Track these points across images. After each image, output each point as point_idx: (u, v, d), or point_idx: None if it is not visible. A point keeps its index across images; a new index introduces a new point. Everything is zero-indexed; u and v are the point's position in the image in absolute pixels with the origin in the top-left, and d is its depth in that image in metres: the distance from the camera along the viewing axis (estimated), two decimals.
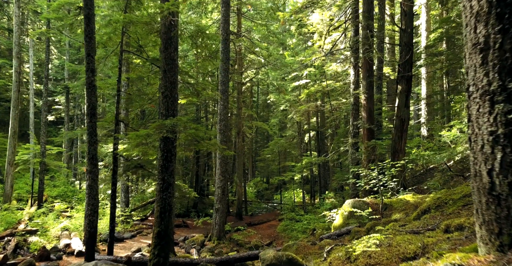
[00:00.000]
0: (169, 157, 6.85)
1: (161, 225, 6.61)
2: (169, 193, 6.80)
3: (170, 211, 6.78)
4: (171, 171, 6.86)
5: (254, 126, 28.32)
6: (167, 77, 6.98)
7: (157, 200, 6.76)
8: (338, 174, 18.04)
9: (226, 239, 14.24)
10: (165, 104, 6.92)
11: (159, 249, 6.47)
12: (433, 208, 5.45)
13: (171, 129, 6.53)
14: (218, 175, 14.37)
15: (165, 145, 6.80)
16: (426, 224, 4.54)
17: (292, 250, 7.29)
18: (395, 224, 5.26)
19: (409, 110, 12.32)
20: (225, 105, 14.46)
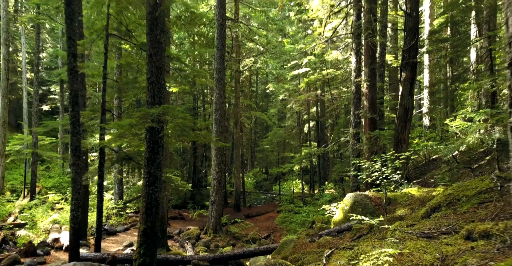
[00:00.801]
0: (156, 148, 6.31)
1: (147, 222, 6.11)
2: (156, 187, 6.28)
3: (157, 207, 6.28)
4: (158, 164, 6.33)
5: (253, 117, 27.76)
6: (152, 62, 6.40)
7: (143, 195, 6.25)
8: (338, 165, 17.56)
9: (222, 232, 13.82)
10: (151, 91, 6.35)
11: (145, 248, 5.99)
12: (444, 205, 4.94)
13: (156, 119, 5.98)
14: (214, 166, 13.87)
15: (151, 136, 6.26)
16: (438, 225, 4.03)
17: (288, 248, 6.82)
18: (402, 223, 4.76)
19: (413, 99, 11.75)
20: (220, 94, 13.87)
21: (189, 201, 24.07)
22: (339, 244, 6.30)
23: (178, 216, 17.86)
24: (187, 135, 6.52)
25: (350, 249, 4.13)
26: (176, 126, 6.08)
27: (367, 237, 6.04)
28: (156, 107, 5.95)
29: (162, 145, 6.44)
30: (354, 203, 7.93)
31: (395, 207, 7.44)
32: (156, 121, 6.01)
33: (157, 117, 5.94)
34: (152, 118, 5.99)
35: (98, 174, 8.37)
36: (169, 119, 5.92)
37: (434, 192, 7.33)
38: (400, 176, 8.81)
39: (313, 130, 28.70)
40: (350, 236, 6.67)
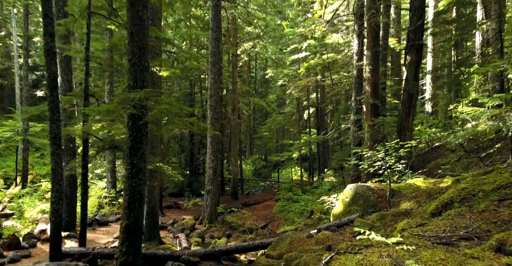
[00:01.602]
0: (139, 137, 5.74)
1: (130, 217, 5.59)
2: (139, 179, 5.74)
3: (141, 201, 5.75)
4: (141, 154, 5.78)
5: (252, 103, 27.09)
6: (134, 41, 5.76)
7: (125, 187, 5.71)
8: (338, 153, 17.04)
9: (218, 222, 13.40)
10: (133, 74, 5.74)
11: (127, 245, 5.49)
12: (457, 201, 4.40)
13: (138, 105, 5.39)
14: (209, 154, 13.34)
15: (133, 123, 5.68)
16: (454, 226, 3.49)
17: (284, 244, 6.33)
18: (410, 221, 4.23)
19: (418, 84, 11.12)
20: (215, 79, 13.22)
21: (186, 188, 23.66)
22: (339, 241, 5.80)
23: (174, 205, 17.45)
24: (173, 122, 5.94)
25: (352, 254, 3.61)
26: (161, 113, 5.50)
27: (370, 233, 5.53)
28: (137, 91, 5.35)
29: (146, 133, 5.87)
30: (355, 195, 7.43)
31: (399, 199, 6.92)
32: (137, 107, 5.42)
33: (139, 102, 5.35)
34: (134, 104, 5.40)
35: (82, 164, 7.83)
36: (152, 105, 5.33)
37: (442, 184, 6.81)
38: (404, 166, 8.28)
39: (312, 117, 28.09)
40: (351, 232, 6.17)
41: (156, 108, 5.24)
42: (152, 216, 10.21)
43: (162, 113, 5.61)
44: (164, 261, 7.12)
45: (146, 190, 10.29)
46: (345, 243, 4.63)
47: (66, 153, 10.96)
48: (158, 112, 5.63)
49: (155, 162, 8.69)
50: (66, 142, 10.83)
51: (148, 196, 10.24)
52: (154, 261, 7.24)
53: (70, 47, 9.13)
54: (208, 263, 7.08)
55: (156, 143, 10.33)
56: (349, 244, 4.53)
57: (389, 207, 6.55)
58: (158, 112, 5.63)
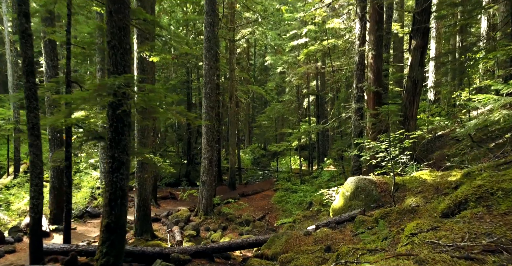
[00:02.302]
0: (120, 127, 5.22)
1: (111, 215, 5.12)
2: (121, 174, 5.24)
3: (123, 198, 5.27)
4: (123, 146, 5.26)
5: (251, 91, 26.47)
6: (113, 21, 5.18)
7: (106, 183, 5.23)
8: (338, 142, 16.54)
9: (214, 214, 12.99)
10: (112, 58, 5.18)
11: (108, 246, 5.03)
12: (473, 200, 3.91)
13: (117, 92, 4.85)
14: (205, 144, 12.84)
15: (114, 113, 5.15)
16: (473, 232, 3.01)
17: (280, 242, 5.88)
18: (420, 224, 3.74)
19: (423, 70, 10.56)
20: (210, 66, 12.62)
21: (183, 178, 23.28)
22: (339, 240, 5.35)
23: (169, 195, 17.03)
24: (157, 111, 5.41)
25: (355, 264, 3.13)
26: (142, 101, 4.97)
27: (373, 232, 5.08)
28: (115, 77, 4.80)
29: (128, 123, 5.35)
30: (357, 188, 6.95)
31: (404, 194, 6.45)
32: (116, 95, 4.88)
33: (118, 89, 4.81)
34: (112, 91, 4.86)
35: (65, 155, 7.33)
36: (133, 93, 4.79)
37: (450, 177, 6.32)
38: (409, 157, 7.79)
39: (312, 105, 27.49)
40: (352, 229, 5.72)
41: (138, 96, 4.70)
42: (143, 209, 9.78)
43: (144, 102, 5.07)
44: (153, 259, 6.70)
45: (137, 182, 9.85)
46: (346, 247, 4.16)
47: (53, 143, 10.48)
48: (139, 100, 5.09)
49: (145, 153, 8.19)
50: (53, 132, 10.33)
51: (139, 188, 9.80)
52: (142, 259, 6.83)
53: (52, 30, 8.52)
54: (199, 261, 6.66)
55: (146, 133, 9.82)
56: (350, 248, 4.06)
57: (393, 203, 6.08)
58: (139, 100, 5.09)
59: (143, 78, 9.72)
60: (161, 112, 5.38)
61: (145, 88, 5.01)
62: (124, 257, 6.85)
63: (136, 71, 9.69)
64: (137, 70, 9.68)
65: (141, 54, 9.31)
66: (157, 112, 5.38)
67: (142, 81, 9.68)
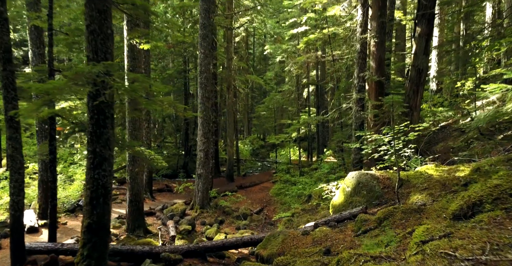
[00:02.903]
0: (102, 120, 4.79)
1: (93, 215, 4.72)
2: (103, 170, 4.83)
3: (106, 196, 4.87)
4: (105, 140, 4.84)
5: (250, 81, 25.93)
6: (92, 3, 4.69)
7: (86, 180, 4.82)
8: (339, 134, 16.12)
9: (210, 207, 12.65)
10: (92, 43, 4.71)
11: (90, 248, 4.65)
12: (489, 201, 3.51)
13: (96, 81, 4.40)
14: (200, 136, 12.42)
15: (94, 103, 4.71)
16: (495, 242, 2.61)
17: (276, 242, 5.50)
18: (430, 229, 3.34)
19: (428, 59, 10.08)
20: (206, 54, 12.11)
21: (180, 170, 22.93)
22: (339, 241, 4.97)
23: (165, 188, 16.69)
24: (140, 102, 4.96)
25: None
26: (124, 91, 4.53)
27: (376, 233, 4.70)
28: (94, 64, 4.34)
29: (111, 115, 4.91)
30: (358, 184, 6.56)
31: (408, 190, 6.05)
32: (95, 84, 4.44)
33: (97, 78, 4.36)
34: (91, 81, 4.42)
35: (49, 149, 6.92)
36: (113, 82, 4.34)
37: (458, 172, 5.92)
38: (413, 151, 7.38)
39: (312, 95, 26.99)
40: (353, 229, 5.34)
41: (115, 85, 4.25)
42: (135, 203, 9.41)
43: (126, 92, 4.63)
44: (143, 258, 6.35)
45: (129, 176, 9.46)
46: (347, 252, 3.77)
47: (41, 135, 10.06)
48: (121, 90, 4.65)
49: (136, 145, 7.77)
50: (41, 124, 9.90)
51: (131, 182, 9.42)
52: (131, 258, 6.48)
53: (36, 15, 8.01)
54: (191, 261, 6.30)
55: (138, 124, 9.39)
56: (352, 253, 3.68)
57: (397, 200, 5.69)
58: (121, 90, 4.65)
59: (133, 67, 9.26)
60: (144, 103, 4.95)
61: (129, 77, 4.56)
62: (112, 256, 6.51)
63: (127, 60, 9.21)
64: (127, 59, 9.20)
65: (131, 41, 8.82)
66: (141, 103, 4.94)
67: (132, 70, 9.23)
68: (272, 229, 11.67)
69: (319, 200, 11.55)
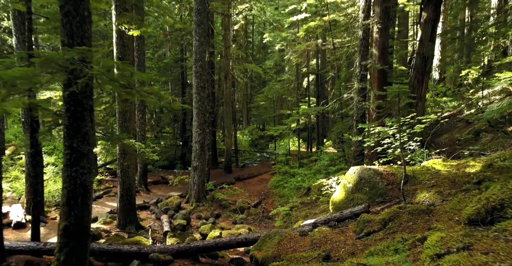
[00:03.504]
0: (80, 112, 4.34)
1: (70, 217, 4.31)
2: (81, 167, 4.40)
3: (86, 195, 4.45)
4: (84, 134, 4.40)
5: (249, 70, 25.34)
6: None
7: (63, 178, 4.40)
8: (339, 125, 15.66)
9: (206, 201, 12.29)
10: (67, 27, 4.23)
11: (67, 253, 4.26)
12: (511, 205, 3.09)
13: (69, 69, 3.93)
14: (196, 127, 11.97)
15: (71, 94, 4.25)
16: None
17: (272, 244, 5.10)
18: (444, 238, 2.92)
19: (434, 46, 9.57)
20: (201, 42, 11.57)
21: (177, 161, 22.54)
22: (340, 244, 4.57)
23: (161, 180, 16.31)
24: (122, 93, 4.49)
25: None
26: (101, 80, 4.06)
27: (380, 236, 4.29)
28: (65, 49, 3.87)
29: (90, 107, 4.46)
30: (360, 180, 6.14)
31: (414, 187, 5.64)
32: (70, 72, 3.97)
33: (70, 65, 3.89)
34: (65, 68, 3.95)
35: (30, 142, 6.48)
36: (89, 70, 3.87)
37: (468, 168, 5.50)
38: (419, 144, 6.95)
39: (312, 85, 26.43)
40: (355, 230, 4.94)
41: (89, 73, 3.79)
42: (127, 198, 9.02)
43: (103, 81, 4.17)
44: (131, 258, 5.97)
45: (119, 170, 9.04)
46: (349, 261, 3.37)
47: (27, 126, 9.58)
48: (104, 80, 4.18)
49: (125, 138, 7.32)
50: (27, 114, 9.43)
51: (122, 176, 9.01)
52: (119, 258, 6.11)
53: None
54: (182, 262, 5.93)
55: (129, 116, 8.93)
56: (354, 264, 3.27)
57: (403, 198, 5.27)
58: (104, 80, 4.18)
59: (123, 55, 8.75)
60: (124, 94, 4.48)
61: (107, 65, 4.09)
62: (98, 256, 6.14)
63: (116, 47, 8.69)
64: (116, 46, 8.68)
65: (120, 27, 8.30)
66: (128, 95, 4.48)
67: (122, 58, 8.73)
68: (269, 223, 11.34)
69: (318, 193, 11.18)
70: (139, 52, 13.71)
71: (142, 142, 13.96)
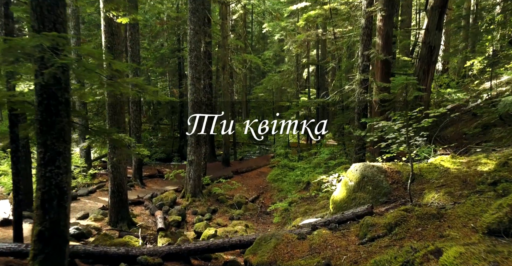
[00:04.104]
0: (54, 106, 3.91)
1: (45, 221, 3.92)
2: (57, 167, 3.99)
3: (63, 197, 4.05)
4: (59, 130, 3.97)
5: (248, 61, 24.76)
6: None
7: (37, 179, 3.99)
8: (340, 117, 15.23)
9: (203, 196, 11.92)
10: (37, 11, 3.76)
11: (42, 261, 3.87)
12: None
13: (38, 57, 3.49)
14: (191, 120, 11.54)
15: (44, 87, 3.81)
16: None
17: (268, 248, 4.72)
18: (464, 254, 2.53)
19: (441, 35, 9.08)
20: (196, 31, 11.06)
21: (174, 154, 22.17)
22: (341, 250, 4.19)
23: (157, 173, 15.92)
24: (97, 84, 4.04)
25: None
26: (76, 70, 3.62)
27: (386, 243, 3.90)
28: (35, 36, 3.42)
29: (65, 100, 4.02)
30: (363, 178, 5.74)
31: (421, 186, 5.24)
32: (38, 60, 3.53)
33: (37, 53, 3.45)
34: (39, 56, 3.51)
35: (10, 137, 6.06)
36: (56, 58, 3.43)
37: (480, 166, 5.09)
38: (425, 139, 6.53)
39: (312, 76, 25.90)
40: (358, 234, 4.55)
41: (58, 63, 3.35)
42: (118, 194, 8.65)
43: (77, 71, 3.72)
44: (119, 261, 5.61)
45: (110, 165, 8.64)
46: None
47: None
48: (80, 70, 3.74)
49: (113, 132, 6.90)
50: None
51: (113, 172, 8.62)
52: (105, 260, 5.74)
53: None
54: (172, 265, 5.56)
55: (119, 108, 8.49)
56: None
57: (409, 199, 4.88)
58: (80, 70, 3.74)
59: (112, 44, 8.28)
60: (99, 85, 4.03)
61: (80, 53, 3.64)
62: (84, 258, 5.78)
63: (104, 36, 8.22)
64: (104, 35, 8.20)
65: (108, 14, 7.81)
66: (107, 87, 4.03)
67: (111, 48, 8.26)
68: (267, 219, 10.99)
69: (318, 187, 10.80)
70: (133, 41, 13.20)
71: (137, 135, 13.55)
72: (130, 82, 4.21)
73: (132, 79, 4.34)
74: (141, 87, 4.39)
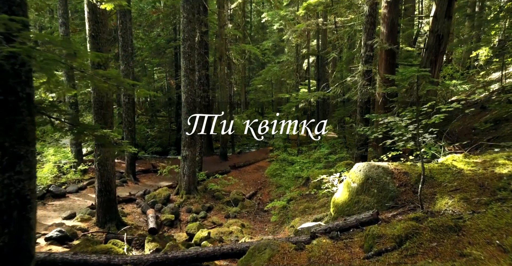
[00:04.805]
0: (13, 102, 3.37)
1: (4, 235, 3.40)
2: (17, 173, 3.46)
3: (25, 207, 3.53)
4: (19, 131, 3.44)
5: (247, 52, 24.08)
6: None
7: None
8: (341, 110, 14.68)
9: (198, 192, 11.46)
10: None
11: None
12: None
13: None
14: (185, 114, 11.01)
15: None
16: None
17: (261, 260, 4.25)
18: None
19: (450, 23, 8.47)
20: (189, 19, 10.44)
21: (171, 147, 21.68)
22: (343, 264, 3.69)
23: (152, 168, 15.44)
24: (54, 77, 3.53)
25: None
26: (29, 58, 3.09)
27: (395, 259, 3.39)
28: None
29: (27, 95, 3.48)
30: (367, 180, 5.22)
31: (432, 190, 4.73)
32: None
33: None
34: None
35: None
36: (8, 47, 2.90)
37: (498, 167, 4.57)
38: (435, 136, 6.00)
39: (312, 67, 25.28)
40: (362, 245, 4.05)
41: (4, 51, 2.81)
42: (105, 194, 8.15)
43: (33, 63, 3.18)
44: None
45: (96, 162, 8.13)
46: None
47: None
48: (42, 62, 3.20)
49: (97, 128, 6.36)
50: None
51: (100, 169, 8.11)
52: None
53: None
54: None
55: (106, 102, 7.94)
56: None
57: (420, 204, 4.37)
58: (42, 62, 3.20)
59: (97, 32, 7.69)
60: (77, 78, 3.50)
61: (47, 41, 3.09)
62: None
63: (88, 24, 7.63)
64: (89, 22, 7.62)
65: (91, 0, 7.22)
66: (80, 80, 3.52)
67: (95, 37, 7.68)
68: (265, 218, 10.53)
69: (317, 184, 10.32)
70: (124, 30, 12.59)
71: (130, 129, 13.02)
72: (105, 75, 3.66)
73: (107, 72, 3.78)
74: (118, 81, 3.85)
